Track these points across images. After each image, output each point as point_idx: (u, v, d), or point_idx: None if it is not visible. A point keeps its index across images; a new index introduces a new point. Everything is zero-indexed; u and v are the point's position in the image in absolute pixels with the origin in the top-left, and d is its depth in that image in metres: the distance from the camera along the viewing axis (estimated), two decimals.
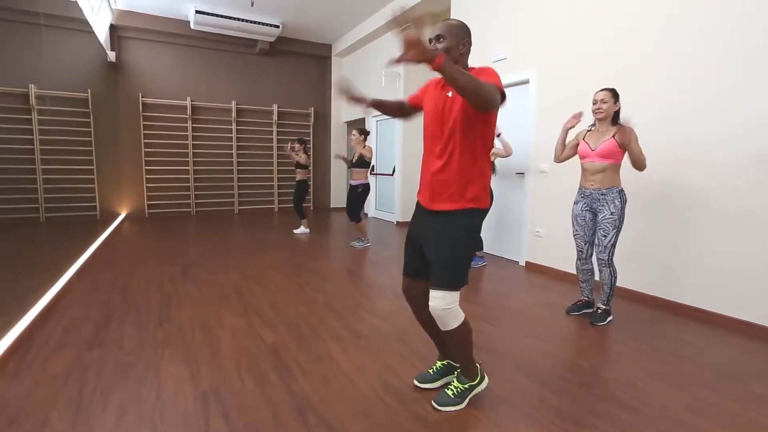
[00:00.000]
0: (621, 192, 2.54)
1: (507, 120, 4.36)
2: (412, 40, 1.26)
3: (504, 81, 4.20)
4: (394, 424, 1.58)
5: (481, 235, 4.19)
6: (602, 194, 2.55)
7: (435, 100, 1.64)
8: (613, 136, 2.48)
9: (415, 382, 1.85)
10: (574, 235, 2.77)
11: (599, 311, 2.66)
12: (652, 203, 3.04)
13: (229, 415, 1.61)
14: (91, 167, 6.75)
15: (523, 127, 4.10)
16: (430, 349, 2.21)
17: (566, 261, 3.53)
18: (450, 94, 1.57)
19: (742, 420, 1.66)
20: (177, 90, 7.34)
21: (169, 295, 3.06)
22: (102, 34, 5.80)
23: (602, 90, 2.56)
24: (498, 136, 3.76)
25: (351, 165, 4.99)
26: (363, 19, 6.94)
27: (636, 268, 3.15)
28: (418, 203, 1.77)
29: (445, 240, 1.59)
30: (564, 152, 2.79)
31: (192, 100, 7.40)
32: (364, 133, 4.88)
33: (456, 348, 1.68)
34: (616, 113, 2.55)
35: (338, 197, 8.91)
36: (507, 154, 3.86)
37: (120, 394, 1.75)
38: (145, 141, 7.16)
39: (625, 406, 1.72)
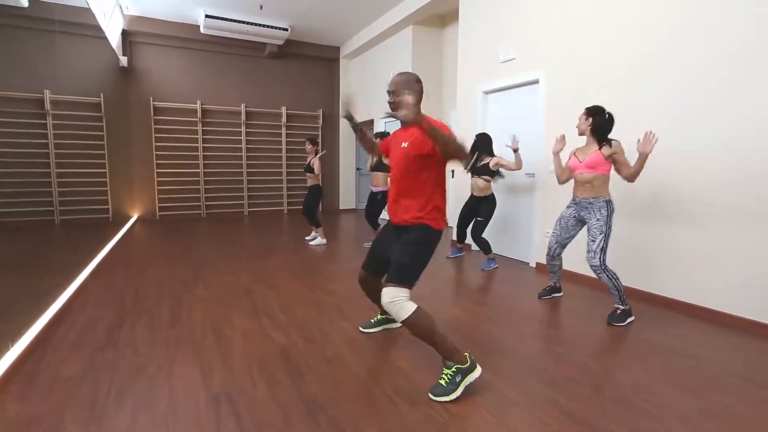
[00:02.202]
0: (608, 202, 2.66)
1: (516, 120, 4.34)
2: (409, 104, 1.81)
3: (513, 81, 4.30)
4: (404, 426, 1.57)
5: (491, 237, 4.18)
6: (589, 203, 2.70)
7: (395, 150, 2.07)
8: (599, 149, 2.63)
9: (360, 328, 2.47)
10: (553, 234, 2.96)
11: (618, 311, 2.67)
12: (657, 203, 3.00)
13: (241, 416, 1.62)
14: (104, 170, 6.85)
15: (532, 127, 4.07)
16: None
17: (576, 262, 3.49)
18: (404, 144, 1.99)
19: (755, 423, 1.63)
20: (187, 93, 7.42)
21: (180, 297, 3.09)
22: (114, 39, 5.90)
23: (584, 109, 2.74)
24: (515, 151, 3.74)
25: (374, 169, 4.84)
26: (371, 22, 6.96)
27: (645, 268, 3.11)
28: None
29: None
30: (564, 173, 2.89)
31: (202, 104, 7.48)
32: (384, 136, 4.73)
33: (422, 338, 1.84)
34: (600, 129, 2.65)
35: (347, 199, 8.93)
36: (517, 168, 3.81)
37: (133, 395, 1.77)
38: (156, 144, 7.26)
39: (637, 409, 1.70)
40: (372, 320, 2.50)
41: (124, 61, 6.71)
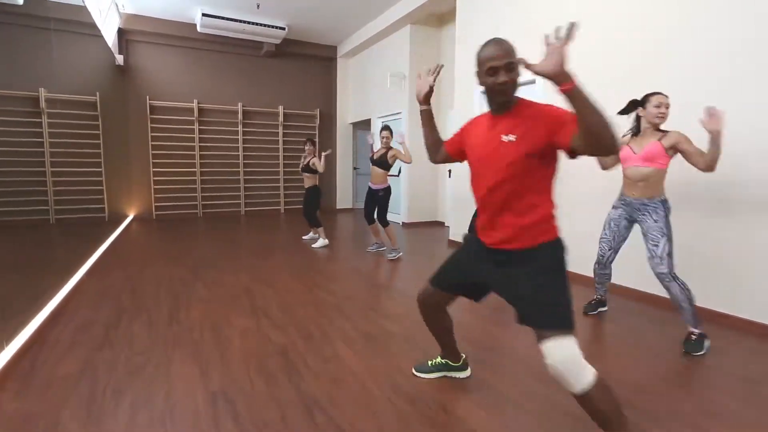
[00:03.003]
0: (664, 202, 2.34)
1: None
2: (558, 47, 1.17)
3: None
4: (403, 425, 1.58)
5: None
6: (643, 204, 2.38)
7: (484, 148, 1.44)
8: (659, 140, 2.30)
9: (414, 371, 1.96)
10: (601, 239, 2.64)
11: (693, 337, 2.26)
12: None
13: (239, 415, 1.62)
14: (100, 169, 6.82)
15: None
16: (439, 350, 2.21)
17: (578, 263, 3.51)
18: (508, 138, 1.35)
19: (756, 424, 1.64)
20: (184, 92, 7.39)
21: (178, 296, 3.08)
22: (110, 37, 5.86)
23: (661, 94, 2.36)
24: None
25: (371, 159, 4.54)
26: (368, 21, 6.96)
27: (644, 268, 3.12)
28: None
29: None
30: (610, 159, 2.54)
31: (199, 102, 7.46)
32: (388, 130, 4.36)
33: (599, 418, 1.28)
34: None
35: (344, 198, 8.92)
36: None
37: (130, 394, 1.76)
38: (153, 143, 7.22)
39: (637, 410, 1.71)
40: (429, 363, 1.96)
41: (120, 59, 6.68)
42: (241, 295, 3.14)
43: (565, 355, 1.24)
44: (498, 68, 1.33)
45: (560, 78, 1.14)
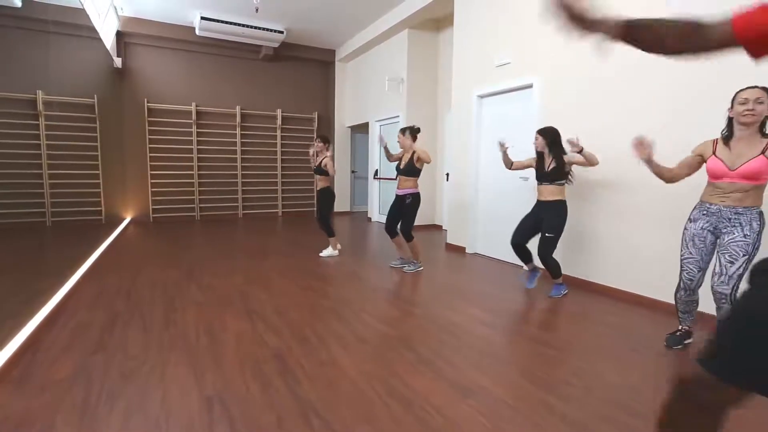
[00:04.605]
0: (761, 214, 2.02)
1: (511, 124, 4.37)
2: None
3: (508, 85, 4.31)
4: (398, 429, 1.57)
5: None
6: (737, 213, 2.04)
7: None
8: (764, 153, 1.93)
9: None
10: (685, 259, 2.24)
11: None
12: (663, 203, 3.03)
13: (234, 419, 1.61)
14: (97, 172, 6.81)
15: (527, 131, 4.09)
16: (437, 354, 2.22)
17: (568, 266, 3.53)
18: None
19: (750, 421, 1.64)
20: (182, 95, 7.40)
21: (173, 300, 3.07)
22: (108, 40, 5.87)
23: (753, 88, 1.96)
24: (580, 151, 2.91)
25: (398, 169, 4.09)
26: (366, 25, 6.99)
27: (638, 270, 3.13)
28: None
29: None
30: (677, 172, 2.23)
31: (197, 106, 7.46)
32: (413, 132, 3.99)
33: None
34: None
35: (342, 201, 8.91)
36: (591, 164, 2.97)
37: (125, 398, 1.75)
38: (150, 146, 7.22)
39: (630, 411, 1.71)
40: None
41: (118, 62, 6.68)
42: (236, 298, 3.13)
43: None
44: None
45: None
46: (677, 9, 1.09)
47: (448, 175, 5.67)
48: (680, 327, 2.40)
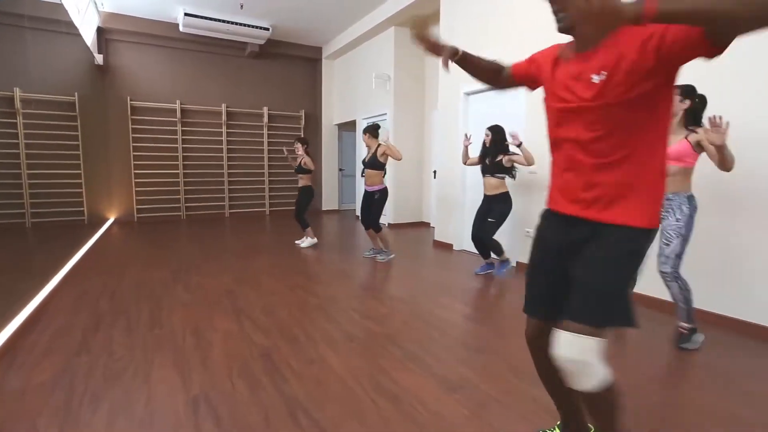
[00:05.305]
0: (690, 198, 2.27)
1: (498, 121, 4.39)
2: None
3: None
4: (386, 425, 1.58)
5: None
6: (667, 200, 2.29)
7: (560, 92, 1.17)
8: (686, 138, 2.22)
9: None
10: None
11: (684, 332, 2.32)
12: None
13: (220, 419, 1.60)
14: (79, 171, 6.66)
15: (514, 128, 4.11)
16: (424, 350, 2.23)
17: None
18: (596, 77, 1.06)
19: (731, 418, 1.69)
20: (166, 93, 7.28)
21: (159, 300, 3.02)
22: (89, 36, 5.74)
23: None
24: (519, 146, 3.43)
25: (363, 163, 4.43)
26: (353, 23, 6.95)
27: None
28: None
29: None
30: None
31: (181, 103, 7.35)
32: (372, 130, 4.31)
33: (597, 416, 1.22)
34: (692, 113, 2.26)
35: (330, 200, 8.90)
36: (528, 163, 3.46)
37: (109, 400, 1.73)
38: (134, 144, 7.09)
39: (627, 411, 1.73)
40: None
41: (99, 59, 6.54)
42: (223, 297, 3.10)
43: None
44: None
45: (627, 19, 0.83)
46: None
47: (435, 172, 5.69)
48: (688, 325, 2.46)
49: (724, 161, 2.08)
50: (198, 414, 1.64)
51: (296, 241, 5.22)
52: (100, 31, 6.57)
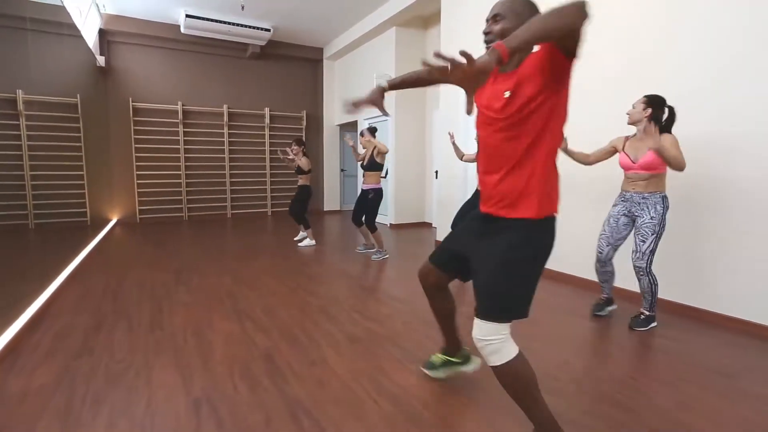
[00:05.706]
0: (664, 198, 2.45)
1: None
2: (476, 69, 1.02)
3: None
4: (388, 426, 1.57)
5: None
6: (643, 198, 2.47)
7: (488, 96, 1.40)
8: (649, 149, 2.35)
9: (422, 368, 1.97)
10: (600, 235, 2.70)
11: (642, 317, 2.56)
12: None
13: (222, 421, 1.60)
14: (81, 173, 6.67)
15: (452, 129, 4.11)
16: (424, 351, 2.22)
17: (558, 257, 3.55)
18: (508, 94, 1.30)
19: (731, 416, 1.68)
20: (168, 94, 7.29)
21: (161, 301, 3.03)
22: (91, 38, 5.76)
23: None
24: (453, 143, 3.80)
25: (362, 166, 4.56)
26: (354, 23, 6.95)
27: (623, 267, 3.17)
28: None
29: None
30: (592, 156, 2.71)
31: (183, 105, 7.36)
32: (372, 132, 4.47)
33: (514, 394, 1.42)
34: (657, 121, 2.42)
35: (332, 200, 8.90)
36: (458, 157, 3.79)
37: (110, 402, 1.73)
38: (136, 146, 7.11)
39: (617, 405, 1.73)
40: (434, 360, 1.95)
41: (101, 60, 6.56)
42: (225, 298, 3.10)
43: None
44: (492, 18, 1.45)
45: (489, 68, 1.01)
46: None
47: (437, 172, 5.68)
48: (602, 295, 2.84)
49: (669, 162, 2.28)
50: (199, 416, 1.63)
51: (295, 239, 5.42)
52: (102, 33, 6.59)
